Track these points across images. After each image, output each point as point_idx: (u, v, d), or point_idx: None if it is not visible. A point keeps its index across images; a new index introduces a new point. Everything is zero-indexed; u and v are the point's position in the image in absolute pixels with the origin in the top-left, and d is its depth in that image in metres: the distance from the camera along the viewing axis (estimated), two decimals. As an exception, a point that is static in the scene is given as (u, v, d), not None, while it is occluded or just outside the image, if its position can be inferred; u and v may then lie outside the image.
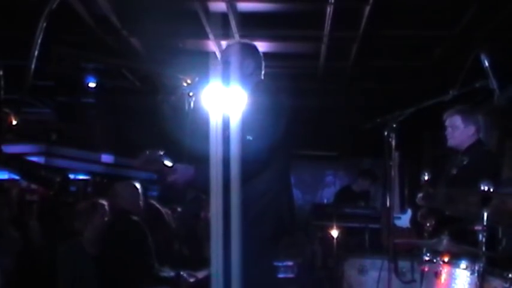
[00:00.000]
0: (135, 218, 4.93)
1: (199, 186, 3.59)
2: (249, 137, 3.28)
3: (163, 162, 3.41)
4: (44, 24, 2.93)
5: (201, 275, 5.22)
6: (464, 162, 4.31)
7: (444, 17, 6.35)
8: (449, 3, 6.02)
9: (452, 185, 4.22)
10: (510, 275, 3.14)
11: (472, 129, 4.37)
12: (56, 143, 9.64)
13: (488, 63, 3.41)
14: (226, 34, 6.75)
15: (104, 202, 5.43)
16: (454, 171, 4.37)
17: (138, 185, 5.13)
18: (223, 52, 3.76)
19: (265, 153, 3.30)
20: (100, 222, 5.20)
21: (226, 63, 3.59)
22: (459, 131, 4.38)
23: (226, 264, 3.04)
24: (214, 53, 7.41)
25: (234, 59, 3.57)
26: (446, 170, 4.45)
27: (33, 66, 2.98)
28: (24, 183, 6.74)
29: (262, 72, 3.66)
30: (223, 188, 3.13)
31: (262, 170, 3.33)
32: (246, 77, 3.56)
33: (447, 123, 4.42)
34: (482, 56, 3.42)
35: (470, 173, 4.15)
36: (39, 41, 2.91)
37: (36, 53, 2.90)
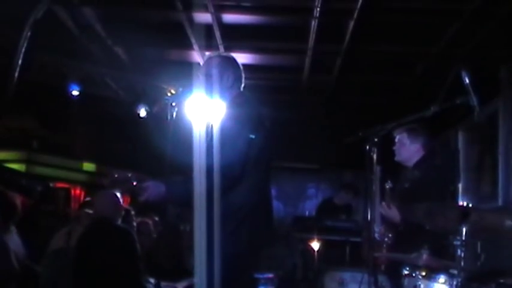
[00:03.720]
0: (120, 224, 4.89)
1: (172, 202, 3.55)
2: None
3: (131, 183, 3.40)
4: (29, 33, 2.93)
5: (181, 285, 5.20)
6: (416, 177, 4.51)
7: (426, 34, 6.43)
8: (431, 20, 6.10)
9: (405, 198, 4.39)
10: (487, 290, 3.18)
11: (417, 146, 4.57)
12: (38, 151, 9.57)
13: (468, 80, 3.45)
14: (210, 45, 6.77)
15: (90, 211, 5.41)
16: (407, 185, 4.56)
17: (118, 194, 5.04)
18: (204, 64, 3.73)
19: (240, 166, 3.26)
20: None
21: (206, 75, 3.60)
22: (405, 147, 4.59)
23: (210, 274, 3.04)
24: (198, 63, 7.42)
25: (214, 72, 3.57)
26: (399, 183, 4.59)
27: (16, 74, 2.97)
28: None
29: (242, 85, 3.65)
30: (206, 198, 3.13)
31: (237, 183, 3.29)
32: (226, 90, 3.55)
33: (396, 139, 4.64)
34: (463, 73, 3.46)
35: (422, 187, 4.38)
36: (23, 49, 2.90)
37: (20, 61, 2.89)
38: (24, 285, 4.76)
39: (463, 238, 3.20)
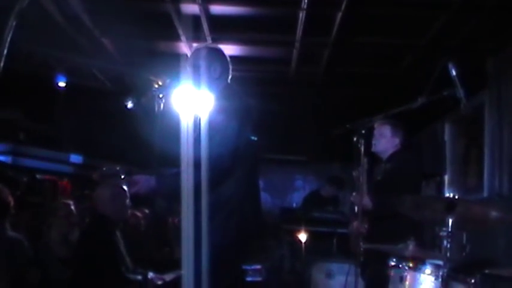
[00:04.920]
0: (109, 224, 4.85)
1: (162, 195, 3.53)
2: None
3: (120, 176, 3.39)
4: (14, 23, 2.89)
5: (168, 277, 5.21)
6: (388, 168, 4.64)
7: (414, 26, 6.44)
8: (419, 13, 6.11)
9: (378, 190, 4.50)
10: (473, 281, 3.21)
11: (396, 140, 4.72)
12: (24, 143, 9.50)
13: (455, 72, 3.48)
14: (198, 37, 6.75)
15: (69, 202, 5.38)
16: (379, 177, 4.67)
17: (124, 188, 4.73)
18: (192, 56, 3.74)
19: (229, 159, 3.28)
20: (64, 223, 5.15)
21: (194, 66, 3.60)
22: (385, 139, 4.72)
23: (197, 266, 3.05)
24: (186, 55, 7.39)
25: (202, 63, 3.58)
26: (372, 176, 4.71)
27: (2, 64, 2.94)
28: None
29: (229, 76, 3.66)
30: (194, 189, 3.12)
31: (226, 177, 3.30)
32: (213, 81, 3.56)
33: (376, 131, 4.73)
34: (450, 65, 3.48)
35: (392, 178, 4.52)
36: (8, 39, 2.87)
37: (5, 51, 2.86)
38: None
39: (449, 229, 3.23)
